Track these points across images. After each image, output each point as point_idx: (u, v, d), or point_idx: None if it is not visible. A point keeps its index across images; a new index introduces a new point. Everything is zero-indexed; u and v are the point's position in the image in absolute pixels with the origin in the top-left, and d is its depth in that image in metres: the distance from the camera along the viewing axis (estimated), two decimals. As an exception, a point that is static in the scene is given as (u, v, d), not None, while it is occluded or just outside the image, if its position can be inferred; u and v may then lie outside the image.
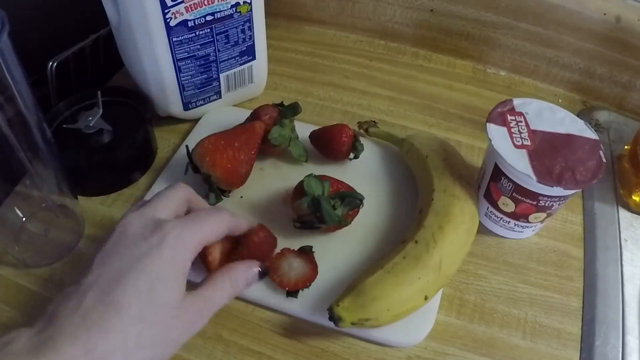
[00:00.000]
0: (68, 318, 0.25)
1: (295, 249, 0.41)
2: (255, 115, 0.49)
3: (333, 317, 0.36)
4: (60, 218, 0.45)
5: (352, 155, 0.49)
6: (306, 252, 0.40)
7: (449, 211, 0.40)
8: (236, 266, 0.32)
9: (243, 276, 0.32)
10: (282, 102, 0.50)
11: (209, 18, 0.47)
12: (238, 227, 0.33)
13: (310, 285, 0.39)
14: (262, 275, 0.33)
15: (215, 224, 0.31)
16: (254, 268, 0.33)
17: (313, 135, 0.50)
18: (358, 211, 0.42)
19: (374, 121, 0.53)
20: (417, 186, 0.46)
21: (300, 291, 0.39)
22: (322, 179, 0.41)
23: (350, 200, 0.41)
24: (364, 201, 0.42)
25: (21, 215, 0.43)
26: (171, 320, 0.27)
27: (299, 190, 0.41)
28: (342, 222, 0.41)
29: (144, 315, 0.25)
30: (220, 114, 0.55)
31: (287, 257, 0.40)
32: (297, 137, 0.49)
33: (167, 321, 0.27)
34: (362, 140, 0.50)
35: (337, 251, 0.42)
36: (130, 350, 0.25)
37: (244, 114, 0.53)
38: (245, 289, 0.32)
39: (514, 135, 0.40)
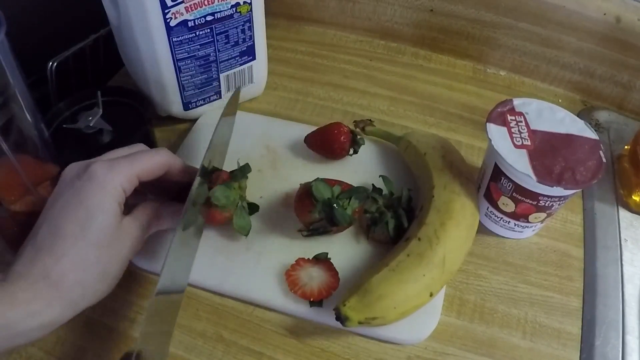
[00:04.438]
0: (25, 253, 0.29)
1: (309, 258, 0.40)
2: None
3: (340, 317, 0.36)
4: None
5: (351, 152, 0.49)
6: (323, 260, 0.40)
7: (450, 208, 0.40)
8: (175, 203, 0.37)
9: (172, 208, 0.37)
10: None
11: (209, 18, 0.47)
12: (176, 166, 0.37)
13: (333, 293, 0.39)
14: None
15: (148, 158, 0.35)
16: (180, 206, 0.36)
17: (309, 139, 0.50)
18: (363, 208, 0.42)
19: (370, 120, 0.53)
20: (417, 183, 0.46)
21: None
22: (330, 183, 0.41)
23: (358, 194, 0.41)
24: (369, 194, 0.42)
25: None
26: (115, 240, 0.31)
27: (306, 195, 0.41)
28: (352, 221, 0.41)
29: (88, 238, 0.29)
30: (218, 116, 0.54)
31: (304, 267, 0.39)
32: (245, 208, 0.42)
33: (111, 242, 0.30)
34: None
35: (339, 251, 0.42)
36: (82, 269, 0.29)
37: (241, 116, 0.52)
38: (173, 221, 0.37)
39: (514, 135, 0.40)
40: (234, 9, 0.48)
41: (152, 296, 0.30)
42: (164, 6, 0.43)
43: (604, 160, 0.39)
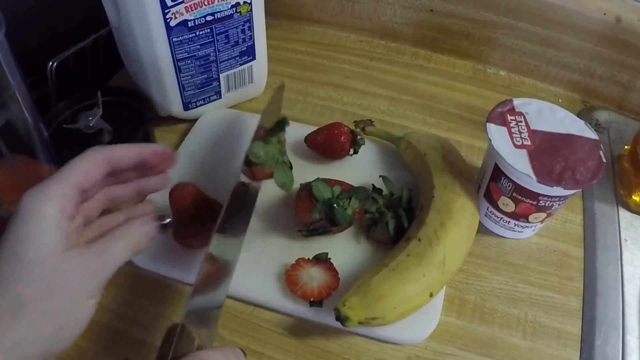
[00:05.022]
0: None
1: (309, 258, 0.40)
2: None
3: (340, 317, 0.36)
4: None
5: (351, 152, 0.49)
6: (323, 260, 0.40)
7: (450, 208, 0.40)
8: (133, 221, 0.32)
9: (139, 230, 0.31)
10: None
11: (209, 18, 0.47)
12: (120, 158, 0.31)
13: (333, 293, 0.39)
14: (165, 227, 0.33)
15: (82, 163, 0.30)
16: (151, 223, 0.32)
17: (309, 139, 0.50)
18: (363, 208, 0.42)
19: (370, 120, 0.53)
20: (417, 184, 0.46)
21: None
22: (331, 183, 0.41)
23: (358, 194, 0.41)
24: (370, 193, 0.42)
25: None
26: (56, 271, 0.27)
27: (306, 195, 0.41)
28: (352, 221, 0.41)
29: (21, 277, 0.26)
30: (217, 116, 0.55)
31: (305, 267, 0.39)
32: (287, 163, 0.43)
33: (52, 273, 0.27)
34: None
35: (339, 251, 0.42)
36: (22, 307, 0.25)
37: (240, 116, 0.52)
38: (145, 242, 0.32)
39: (514, 135, 0.40)
40: (234, 9, 0.48)
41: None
42: (164, 6, 0.43)
43: (604, 160, 0.39)
